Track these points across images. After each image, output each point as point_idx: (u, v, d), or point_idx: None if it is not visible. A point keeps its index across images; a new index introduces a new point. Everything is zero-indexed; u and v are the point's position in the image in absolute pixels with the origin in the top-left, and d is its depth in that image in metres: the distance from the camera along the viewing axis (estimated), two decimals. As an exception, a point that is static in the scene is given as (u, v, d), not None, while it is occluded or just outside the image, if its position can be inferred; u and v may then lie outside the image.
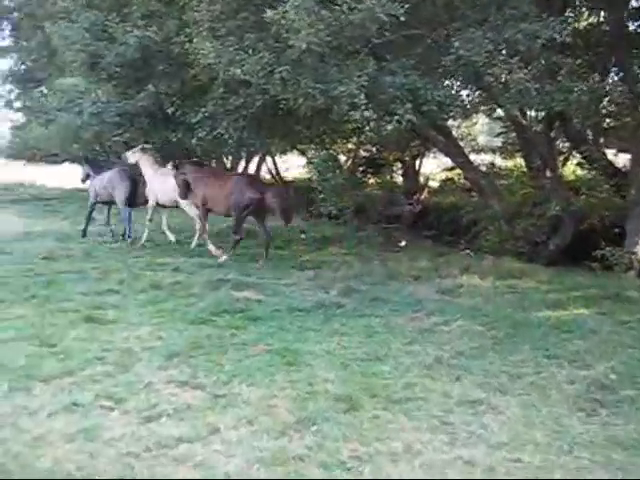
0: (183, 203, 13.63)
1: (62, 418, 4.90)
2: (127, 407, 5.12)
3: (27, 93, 31.59)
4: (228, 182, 12.23)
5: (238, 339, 7.01)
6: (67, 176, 37.80)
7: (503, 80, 8.65)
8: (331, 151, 19.51)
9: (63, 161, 31.25)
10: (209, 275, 10.51)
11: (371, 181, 22.92)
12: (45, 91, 24.76)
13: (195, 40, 9.55)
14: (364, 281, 10.28)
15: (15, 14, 33.03)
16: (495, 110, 18.14)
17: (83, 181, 16.36)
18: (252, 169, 29.02)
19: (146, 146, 14.50)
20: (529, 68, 8.57)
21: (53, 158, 32.28)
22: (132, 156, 14.28)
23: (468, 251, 13.95)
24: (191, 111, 11.74)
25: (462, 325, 7.72)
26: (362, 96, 8.32)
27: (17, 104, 36.75)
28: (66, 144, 24.00)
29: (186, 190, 12.61)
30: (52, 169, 35.70)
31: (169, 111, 12.63)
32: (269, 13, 8.10)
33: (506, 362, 6.43)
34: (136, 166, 14.41)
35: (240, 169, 28.86)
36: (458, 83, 11.90)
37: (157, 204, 14.31)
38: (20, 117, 37.06)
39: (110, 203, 14.96)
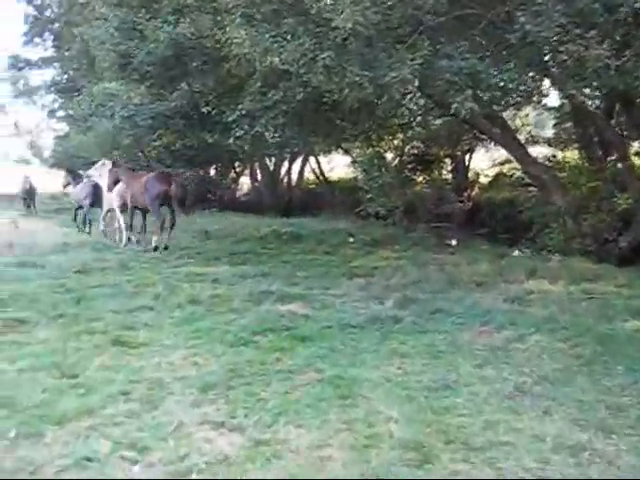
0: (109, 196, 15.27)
1: (72, 476, 4.06)
2: (152, 458, 4.24)
3: (68, 102, 31.44)
4: (143, 179, 13.88)
5: (283, 365, 6.08)
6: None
7: (577, 58, 7.52)
8: (377, 149, 18.61)
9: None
10: (252, 286, 9.66)
11: (420, 179, 21.93)
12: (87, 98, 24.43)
13: (228, 29, 8.71)
14: (422, 289, 9.30)
15: (56, 24, 33.09)
16: (542, 100, 16.84)
17: (64, 187, 20.00)
18: (296, 170, 28.34)
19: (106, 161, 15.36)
20: (607, 43, 7.44)
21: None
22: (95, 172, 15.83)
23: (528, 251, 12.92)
24: (228, 109, 10.93)
25: (539, 341, 6.68)
26: (416, 82, 7.35)
27: (60, 113, 36.86)
28: (105, 151, 23.59)
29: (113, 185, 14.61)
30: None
31: (204, 110, 11.84)
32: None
33: (600, 389, 5.39)
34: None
35: (283, 170, 28.20)
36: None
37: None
38: (63, 126, 37.17)
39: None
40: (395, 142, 21.62)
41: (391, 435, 4.46)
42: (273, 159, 27.21)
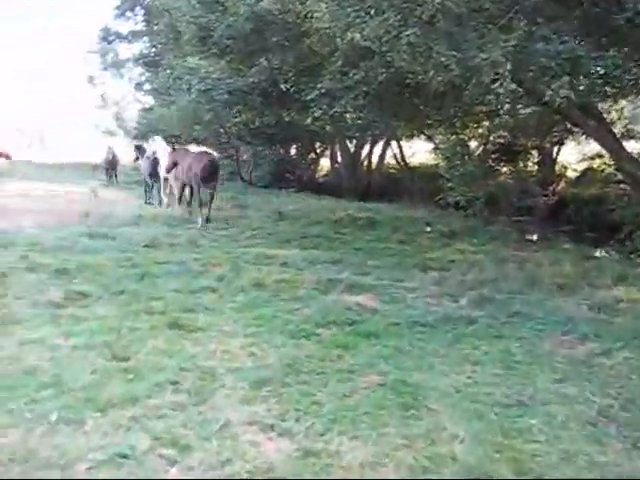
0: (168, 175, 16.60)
1: (103, 474, 3.76)
2: (191, 460, 3.91)
3: (154, 75, 31.77)
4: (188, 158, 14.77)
5: (344, 364, 5.67)
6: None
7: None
8: (461, 136, 17.92)
9: (186, 142, 31.19)
10: (320, 273, 9.26)
11: (504, 170, 21.07)
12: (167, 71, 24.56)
13: (309, 2, 8.26)
14: (499, 288, 8.67)
15: (147, -1, 33.46)
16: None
17: (134, 161, 21.76)
18: (377, 153, 27.81)
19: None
20: None
21: (176, 139, 32.28)
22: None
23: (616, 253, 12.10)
24: (307, 88, 10.51)
25: (628, 358, 6.01)
26: (508, 65, 6.71)
27: (146, 86, 37.33)
28: (186, 125, 23.62)
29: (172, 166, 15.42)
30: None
31: (283, 88, 11.47)
32: (395, -37, 6.66)
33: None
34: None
35: (364, 153, 27.70)
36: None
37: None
38: (149, 100, 37.64)
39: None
40: (480, 130, 20.83)
41: (454, 457, 3.98)
42: (354, 141, 26.73)
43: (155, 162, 17.14)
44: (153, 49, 35.51)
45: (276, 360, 5.70)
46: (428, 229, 14.30)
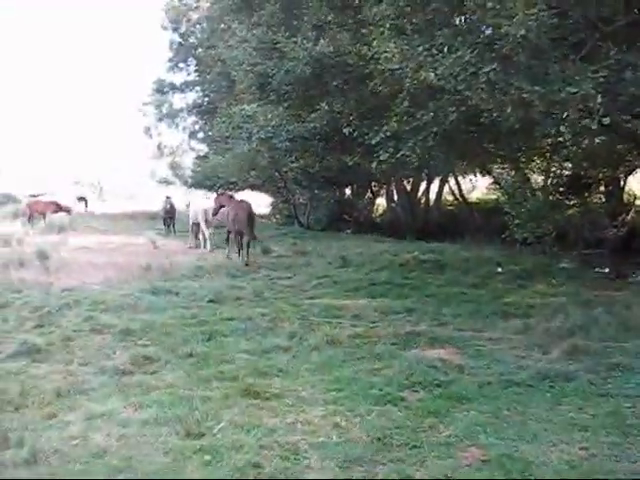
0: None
1: None
2: None
3: (208, 124, 32.11)
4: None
5: (439, 435, 5.11)
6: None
7: None
8: (526, 170, 17.31)
9: (241, 189, 31.23)
10: (395, 325, 8.74)
11: (571, 203, 20.26)
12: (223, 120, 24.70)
13: (375, 43, 7.89)
14: (591, 336, 7.98)
15: (199, 50, 34.04)
16: None
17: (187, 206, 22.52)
18: (433, 190, 27.33)
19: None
20: None
21: (232, 186, 32.35)
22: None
23: None
24: (371, 131, 10.11)
25: None
26: (598, 98, 6.17)
27: (200, 135, 37.78)
28: (243, 172, 23.54)
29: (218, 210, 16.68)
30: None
31: (345, 132, 11.09)
32: (471, -3, 6.24)
33: None
34: None
35: (421, 190, 27.23)
36: None
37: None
38: (203, 148, 38.04)
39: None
40: (544, 163, 20.14)
41: None
42: (411, 179, 26.29)
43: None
44: (206, 98, 36.01)
45: (363, 432, 5.20)
46: (499, 269, 13.67)
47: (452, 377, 6.51)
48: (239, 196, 33.54)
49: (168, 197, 25.63)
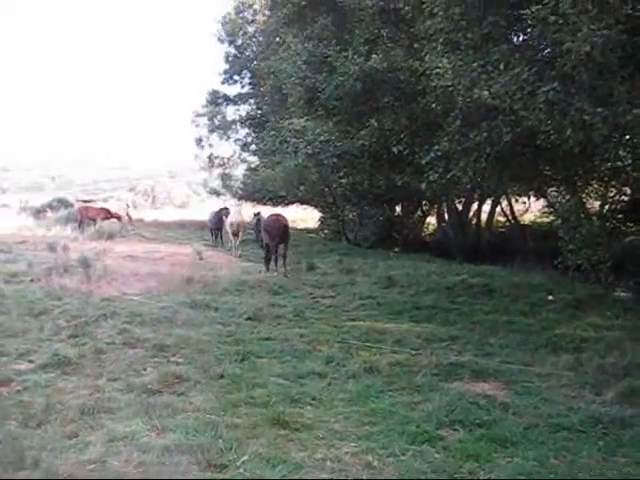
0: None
1: None
2: None
3: (260, 136, 32.20)
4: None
5: (480, 484, 4.72)
6: (295, 217, 37.97)
7: None
8: (582, 195, 16.65)
9: (290, 203, 31.16)
10: (439, 354, 8.27)
11: (630, 229, 19.45)
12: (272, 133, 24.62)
13: (427, 58, 7.54)
14: (649, 377, 7.43)
15: (254, 63, 34.23)
16: None
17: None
18: (485, 211, 26.71)
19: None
20: None
21: (280, 200, 32.26)
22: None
23: None
24: (421, 150, 9.74)
25: None
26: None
27: (252, 147, 37.91)
28: (292, 185, 23.36)
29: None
30: (280, 211, 35.84)
31: (395, 150, 10.73)
32: (532, 10, 5.83)
33: None
34: None
35: (473, 210, 26.64)
36: None
37: None
38: (254, 160, 38.15)
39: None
40: (601, 188, 19.40)
41: None
42: (462, 198, 25.72)
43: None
44: (259, 111, 36.12)
45: (397, 474, 4.81)
46: (550, 297, 13.06)
47: (496, 416, 6.06)
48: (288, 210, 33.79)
49: (222, 208, 25.26)
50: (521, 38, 7.04)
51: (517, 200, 25.52)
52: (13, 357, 7.95)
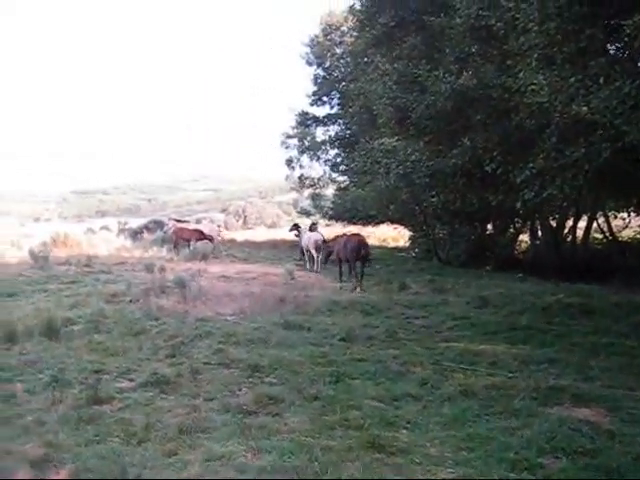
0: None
1: None
2: None
3: (350, 156, 32.37)
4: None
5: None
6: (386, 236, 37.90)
7: None
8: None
9: (380, 222, 31.07)
10: (536, 378, 7.99)
11: None
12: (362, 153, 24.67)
13: (522, 74, 7.38)
14: None
15: (342, 84, 34.55)
16: None
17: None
18: (580, 227, 25.82)
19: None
20: None
21: (371, 219, 32.21)
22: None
23: None
24: (515, 168, 9.52)
25: None
26: None
27: (341, 167, 38.13)
28: (382, 205, 23.30)
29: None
30: (371, 230, 35.87)
31: (488, 169, 10.53)
32: (633, 20, 5.62)
33: None
34: None
35: (567, 227, 25.82)
36: None
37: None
38: (344, 180, 38.36)
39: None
40: None
41: None
42: (556, 215, 24.96)
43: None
44: (348, 131, 36.36)
45: (496, 504, 4.67)
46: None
47: (600, 444, 5.79)
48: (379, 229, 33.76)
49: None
50: (620, 50, 6.75)
51: (615, 216, 24.57)
52: (114, 375, 8.22)
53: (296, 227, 25.62)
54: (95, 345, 9.64)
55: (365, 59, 24.11)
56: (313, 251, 21.54)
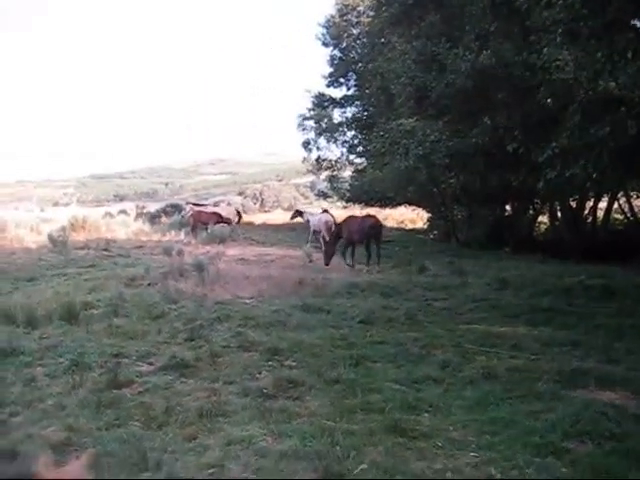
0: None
1: None
2: None
3: (367, 138, 32.15)
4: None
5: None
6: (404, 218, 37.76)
7: None
8: None
9: (398, 204, 30.90)
10: (559, 360, 7.90)
11: None
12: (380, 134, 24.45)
13: (545, 50, 7.20)
14: None
15: (359, 65, 34.28)
16: None
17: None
18: (602, 207, 25.52)
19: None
20: None
21: (389, 201, 32.05)
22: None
23: None
24: (537, 148, 9.34)
25: None
26: None
27: (359, 149, 37.91)
28: (400, 187, 23.12)
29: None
30: (388, 212, 35.71)
31: (509, 148, 10.35)
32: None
33: None
34: None
35: (588, 207, 25.51)
36: None
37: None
38: (361, 161, 38.16)
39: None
40: None
41: None
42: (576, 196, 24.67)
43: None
44: (365, 112, 36.11)
45: (520, 490, 4.59)
46: (679, 299, 12.28)
47: (627, 429, 5.65)
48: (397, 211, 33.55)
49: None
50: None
51: (637, 196, 24.27)
52: (134, 359, 8.18)
53: (298, 213, 26.22)
54: (114, 329, 9.59)
55: (382, 39, 23.85)
56: (325, 232, 20.87)
